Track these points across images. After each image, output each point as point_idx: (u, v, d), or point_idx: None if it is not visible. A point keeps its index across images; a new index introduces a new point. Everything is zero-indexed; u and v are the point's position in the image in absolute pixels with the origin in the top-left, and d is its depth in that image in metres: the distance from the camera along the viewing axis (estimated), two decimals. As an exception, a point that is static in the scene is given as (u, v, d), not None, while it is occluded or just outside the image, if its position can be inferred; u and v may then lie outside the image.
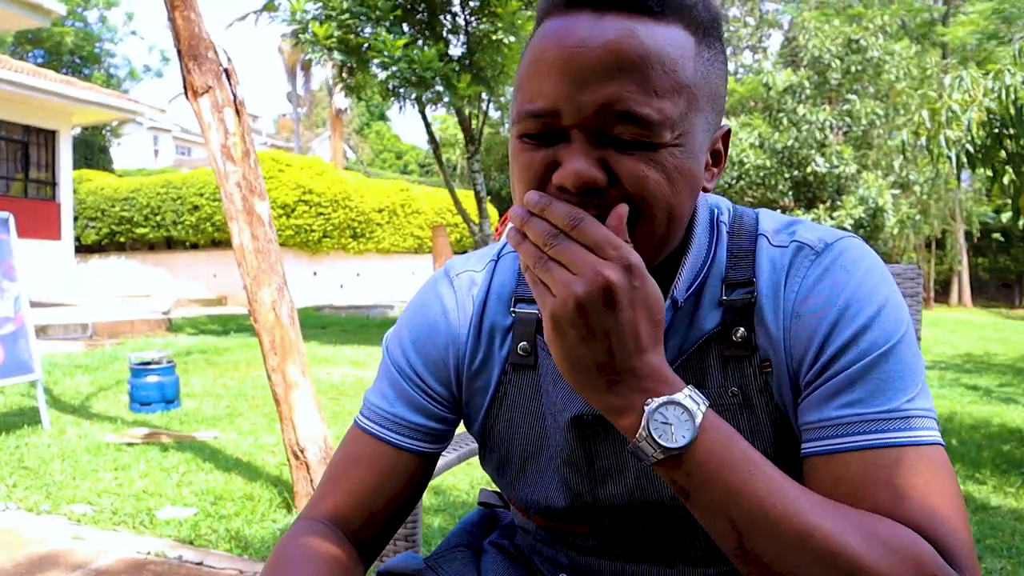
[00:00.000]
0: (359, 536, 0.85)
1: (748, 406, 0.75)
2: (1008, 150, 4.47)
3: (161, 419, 4.96)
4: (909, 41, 17.79)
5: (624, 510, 0.81)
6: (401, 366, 0.87)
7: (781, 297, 0.74)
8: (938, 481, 0.65)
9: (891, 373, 0.68)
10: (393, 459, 0.85)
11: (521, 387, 0.84)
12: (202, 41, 3.28)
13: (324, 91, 33.10)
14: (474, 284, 0.87)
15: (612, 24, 0.64)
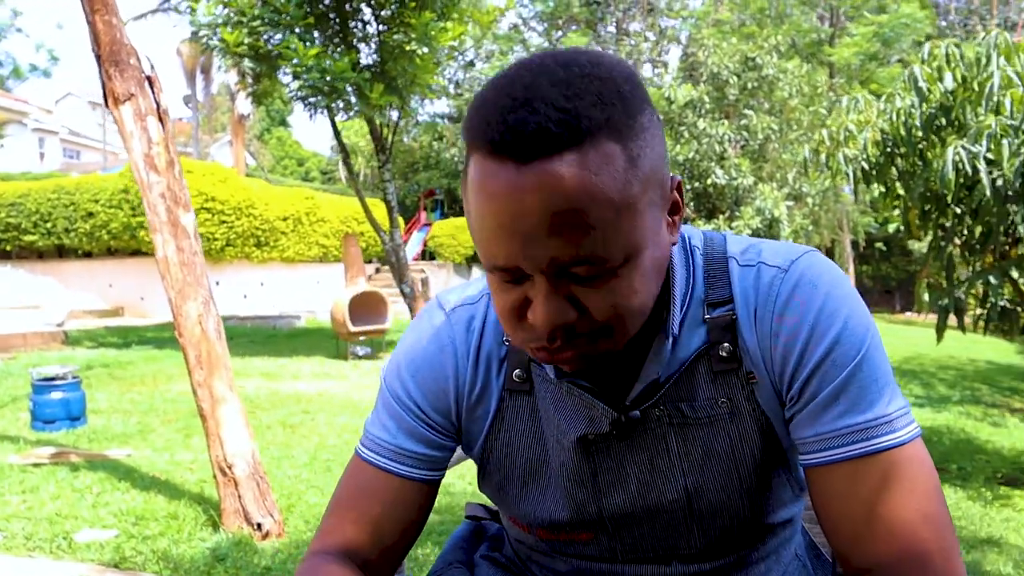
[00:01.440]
0: (371, 566, 0.87)
1: (736, 415, 0.80)
2: (899, 168, 4.78)
3: (68, 437, 4.74)
4: (800, 60, 18.70)
5: (627, 516, 0.85)
6: (401, 399, 0.88)
7: (755, 316, 0.78)
8: (917, 493, 0.72)
9: (868, 380, 0.74)
10: (400, 489, 0.87)
11: (519, 411, 0.87)
12: (123, 47, 3.19)
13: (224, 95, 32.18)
14: (472, 318, 0.88)
15: (537, 176, 0.63)
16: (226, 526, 3.13)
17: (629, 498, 0.84)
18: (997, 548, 3.37)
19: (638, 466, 0.84)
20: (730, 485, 0.83)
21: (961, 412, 6.84)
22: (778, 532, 0.91)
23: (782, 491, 0.87)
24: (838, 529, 0.76)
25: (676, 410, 0.81)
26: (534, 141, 0.62)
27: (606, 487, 0.85)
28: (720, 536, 0.86)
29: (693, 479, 0.83)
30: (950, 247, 4.72)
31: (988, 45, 4.05)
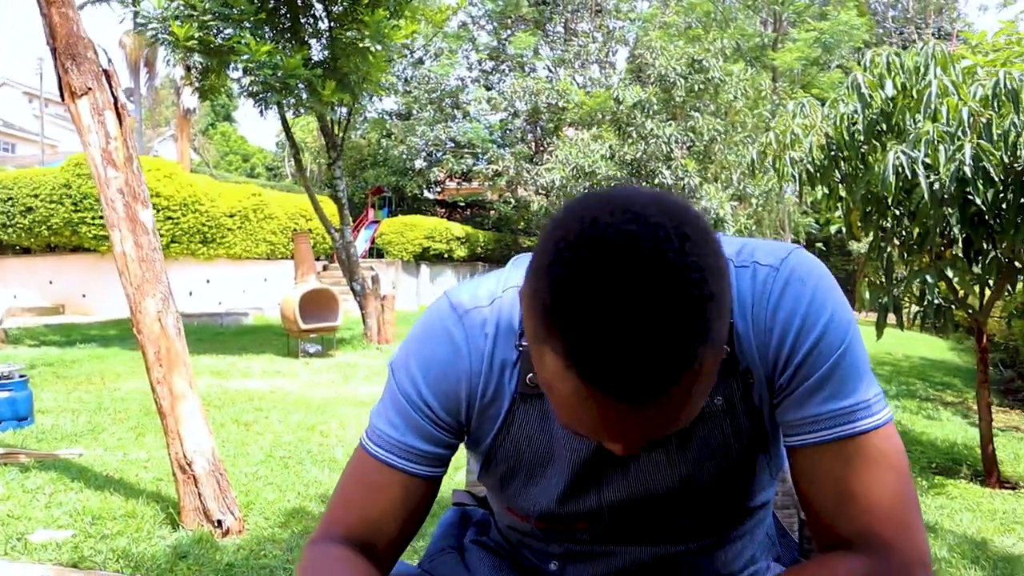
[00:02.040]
0: (374, 556, 0.90)
1: (731, 412, 0.87)
2: (842, 171, 4.96)
3: (15, 438, 4.64)
4: (744, 64, 19.11)
5: (623, 505, 0.91)
6: (412, 398, 0.90)
7: (752, 313, 0.84)
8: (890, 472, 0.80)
9: (849, 368, 0.81)
10: (405, 485, 0.91)
11: (529, 414, 0.90)
12: (80, 40, 3.16)
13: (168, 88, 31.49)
14: (485, 322, 0.89)
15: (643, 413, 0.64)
16: (186, 524, 3.12)
17: (627, 489, 0.90)
18: (933, 534, 3.53)
19: (639, 459, 0.89)
20: (721, 475, 0.90)
21: (897, 406, 7.09)
22: (755, 514, 0.98)
23: (763, 477, 0.94)
24: (818, 505, 0.83)
25: None
26: (641, 389, 0.62)
27: (607, 480, 0.90)
28: (705, 517, 0.93)
29: (687, 469, 0.89)
30: (889, 247, 4.91)
31: (926, 55, 4.23)
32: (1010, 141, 3.83)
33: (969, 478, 4.60)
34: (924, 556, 0.80)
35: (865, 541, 0.80)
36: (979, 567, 3.11)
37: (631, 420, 0.65)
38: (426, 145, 27.39)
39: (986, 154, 3.80)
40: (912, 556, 0.79)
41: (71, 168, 13.55)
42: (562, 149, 17.21)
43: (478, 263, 23.36)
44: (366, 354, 9.67)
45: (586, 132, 18.12)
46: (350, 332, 11.46)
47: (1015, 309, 4.80)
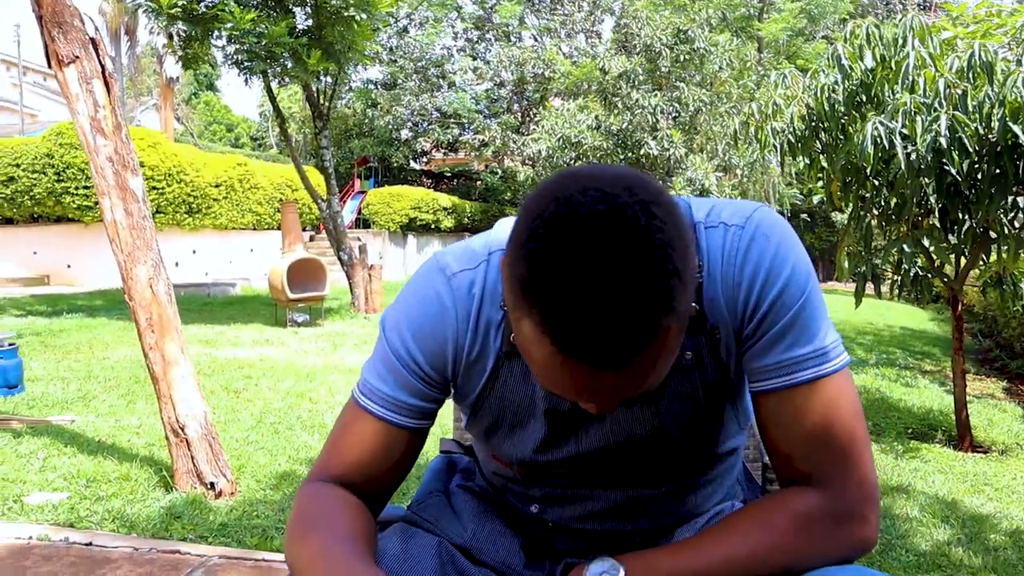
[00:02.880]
0: (365, 495, 0.98)
1: (700, 366, 0.93)
2: (823, 141, 5.03)
3: (6, 404, 4.69)
4: (730, 34, 19.07)
5: (601, 451, 0.97)
6: (401, 355, 0.96)
7: (721, 270, 0.89)
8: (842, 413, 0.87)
9: (808, 318, 0.87)
10: (394, 436, 0.97)
11: (513, 370, 0.96)
12: (66, 7, 3.17)
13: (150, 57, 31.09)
14: (472, 284, 0.95)
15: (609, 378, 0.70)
16: (179, 486, 3.20)
17: (603, 436, 0.96)
18: (906, 495, 3.66)
19: (614, 412, 0.95)
20: (690, 423, 0.96)
21: (877, 374, 7.24)
22: (724, 460, 1.05)
23: (731, 425, 1.01)
24: (779, 444, 0.90)
25: None
26: (609, 356, 0.68)
27: (585, 430, 0.97)
28: (677, 463, 1.00)
29: (660, 419, 0.95)
30: (868, 217, 5.00)
31: (904, 27, 4.29)
32: (984, 112, 3.91)
33: (943, 443, 4.74)
34: (872, 490, 0.88)
35: (819, 477, 0.87)
36: (948, 525, 3.23)
37: (602, 383, 0.71)
38: (412, 115, 27.25)
39: (961, 125, 3.88)
40: (859, 492, 0.86)
41: (53, 137, 13.42)
42: (548, 119, 17.19)
43: (465, 233, 23.38)
44: (354, 323, 9.73)
45: (572, 102, 18.08)
46: (338, 302, 11.50)
47: (989, 278, 4.91)
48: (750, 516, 0.89)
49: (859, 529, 0.86)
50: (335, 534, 0.88)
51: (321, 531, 0.88)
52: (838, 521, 0.86)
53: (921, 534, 3.13)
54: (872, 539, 0.88)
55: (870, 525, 0.87)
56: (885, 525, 3.20)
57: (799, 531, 0.85)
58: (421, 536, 1.01)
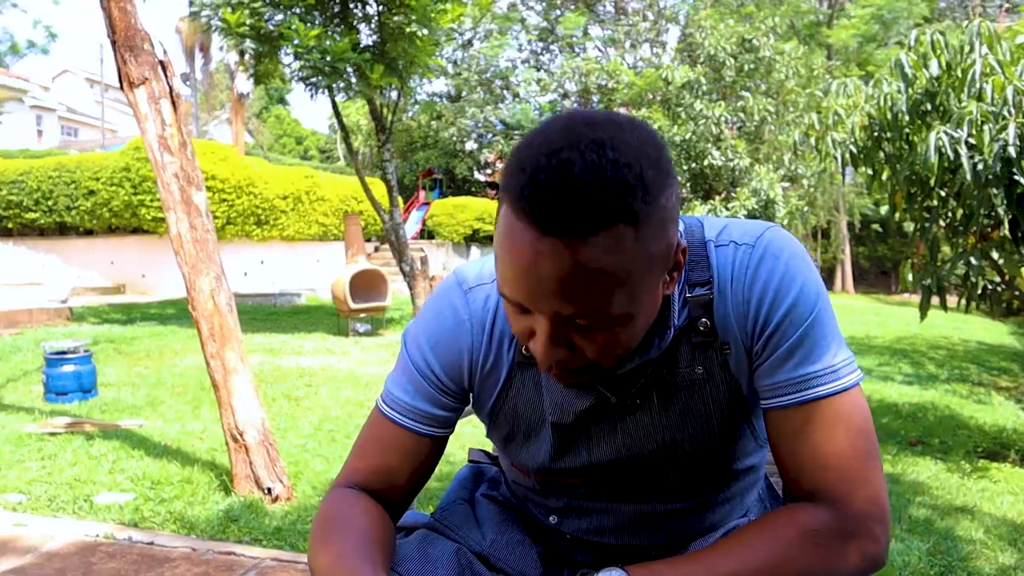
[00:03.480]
0: (387, 501, 1.03)
1: (711, 381, 0.94)
2: (886, 151, 4.92)
3: (80, 408, 4.91)
4: (797, 42, 18.75)
5: (613, 464, 0.99)
6: (420, 367, 1.00)
7: (731, 288, 0.91)
8: (853, 431, 0.87)
9: (818, 336, 0.89)
10: (415, 443, 1.02)
11: (525, 381, 1.00)
12: (138, 32, 3.32)
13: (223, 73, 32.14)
14: (488, 297, 0.99)
15: (554, 247, 0.72)
16: (238, 490, 3.30)
17: (615, 449, 0.98)
18: (971, 516, 3.54)
19: (625, 423, 0.97)
20: (702, 439, 0.97)
21: (948, 390, 7.01)
22: (742, 478, 1.06)
23: (746, 442, 1.02)
24: (788, 461, 0.91)
25: (659, 376, 0.94)
26: (557, 220, 0.72)
27: (596, 442, 0.99)
28: (691, 478, 1.01)
29: (671, 434, 0.96)
30: (935, 228, 4.87)
31: (971, 33, 4.18)
32: (1055, 121, 3.78)
33: (1016, 463, 4.56)
34: (879, 510, 0.87)
35: (824, 494, 0.87)
36: (1015, 549, 3.12)
37: (542, 266, 0.73)
38: (476, 127, 27.50)
39: (1030, 134, 3.75)
40: (867, 509, 0.86)
41: (130, 152, 13.96)
42: (610, 130, 17.11)
43: (527, 245, 23.38)
44: (414, 334, 9.82)
45: (635, 112, 17.99)
46: (399, 312, 11.68)
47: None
48: (757, 530, 0.89)
49: (867, 546, 0.86)
50: (353, 541, 0.91)
51: (340, 538, 0.92)
52: (846, 538, 0.85)
53: (985, 557, 3.02)
54: (881, 557, 0.87)
55: (879, 543, 0.87)
56: (946, 547, 3.11)
57: (806, 546, 0.85)
58: (441, 542, 1.05)
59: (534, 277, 0.75)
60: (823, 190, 18.58)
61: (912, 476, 4.08)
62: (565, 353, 0.82)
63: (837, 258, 26.44)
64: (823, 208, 21.44)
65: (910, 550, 3.00)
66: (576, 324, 0.79)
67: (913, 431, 5.16)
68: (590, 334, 0.80)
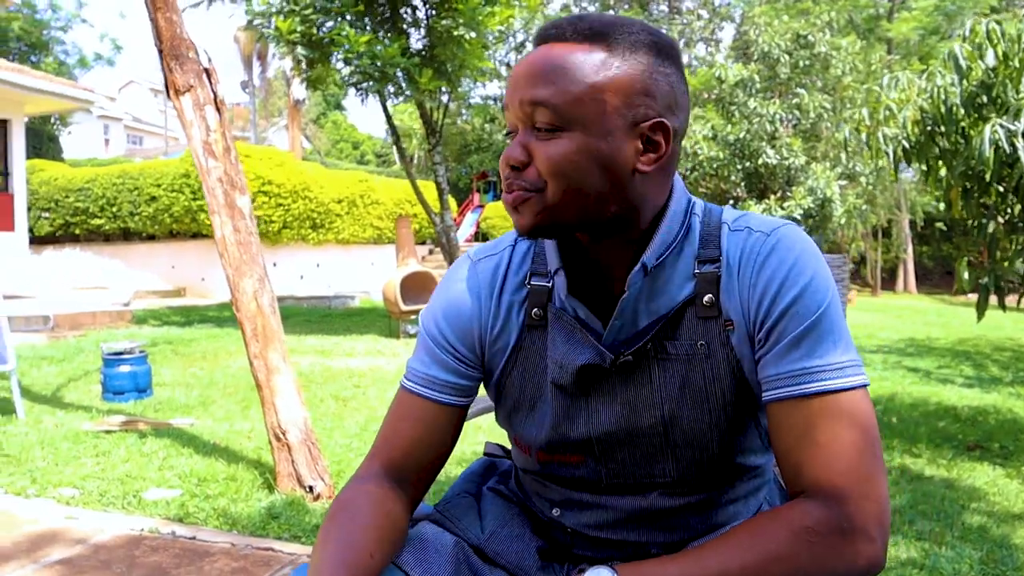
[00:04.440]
0: (408, 481, 1.04)
1: (711, 356, 0.95)
2: (940, 147, 4.77)
3: (135, 407, 5.06)
4: (856, 36, 18.32)
5: (611, 437, 0.99)
6: (434, 335, 1.06)
7: (739, 270, 0.94)
8: (855, 430, 0.87)
9: (825, 331, 0.89)
10: (432, 412, 1.05)
11: (533, 344, 1.03)
12: (183, 41, 3.41)
13: (280, 80, 32.81)
14: (497, 266, 1.06)
15: (541, 49, 0.91)
16: (280, 488, 3.36)
17: (614, 419, 0.98)
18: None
19: (624, 392, 0.98)
20: (701, 418, 0.96)
21: (1011, 393, 6.76)
22: (746, 479, 1.04)
23: (751, 437, 1.00)
24: (787, 457, 0.90)
25: (661, 347, 0.96)
26: (547, 33, 0.92)
27: (596, 409, 1.00)
28: (691, 468, 0.99)
29: (669, 408, 0.96)
30: (992, 225, 4.71)
31: (1028, 22, 4.03)
32: (1117, 111, 3.62)
33: (1080, 469, 4.38)
34: (878, 509, 0.85)
35: (823, 491, 0.86)
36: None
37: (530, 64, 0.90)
38: (529, 129, 27.44)
39: (1090, 126, 3.60)
40: (866, 507, 0.84)
41: (189, 159, 14.33)
42: (663, 130, 16.93)
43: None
44: (464, 335, 9.89)
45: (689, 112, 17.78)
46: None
47: None
48: (749, 527, 0.88)
49: (864, 548, 0.84)
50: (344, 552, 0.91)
51: (333, 543, 0.92)
52: (841, 537, 0.83)
53: (1042, 566, 2.91)
54: (879, 560, 0.85)
55: (876, 545, 0.84)
56: (1001, 555, 3.00)
57: (799, 544, 0.83)
58: (441, 535, 1.04)
59: (516, 76, 0.91)
60: (883, 188, 18.10)
61: (968, 481, 3.94)
62: (520, 153, 0.90)
63: (899, 257, 25.76)
64: (883, 206, 20.89)
65: (961, 558, 2.90)
66: (535, 128, 0.89)
67: (971, 435, 4.99)
68: (543, 136, 0.89)
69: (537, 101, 0.88)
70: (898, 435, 4.71)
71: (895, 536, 3.04)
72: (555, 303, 1.01)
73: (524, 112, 0.90)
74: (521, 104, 0.90)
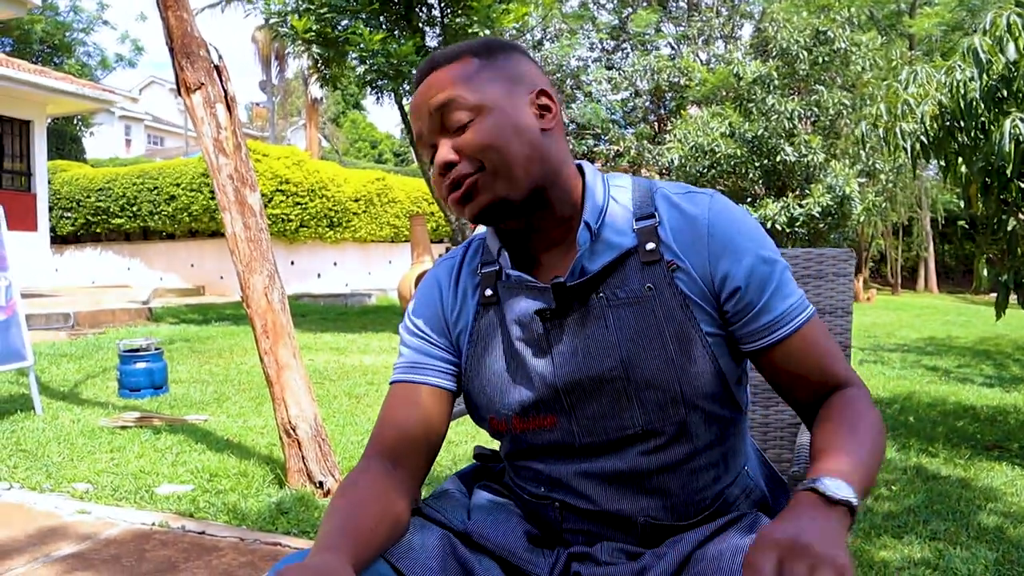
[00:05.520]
0: (405, 465, 1.08)
1: (660, 296, 1.04)
2: (959, 142, 4.70)
3: (151, 404, 5.10)
4: (877, 32, 18.12)
5: (576, 387, 1.05)
6: (409, 329, 1.18)
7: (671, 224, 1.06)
8: (826, 338, 1.08)
9: (787, 275, 1.07)
10: (418, 393, 1.12)
11: (491, 320, 1.13)
12: (194, 39, 3.43)
13: (298, 80, 32.95)
14: (453, 262, 1.21)
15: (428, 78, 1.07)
16: (290, 484, 3.37)
17: (577, 367, 1.05)
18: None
19: (584, 341, 1.05)
20: (658, 355, 1.03)
21: (1030, 393, 6.67)
22: (719, 441, 1.08)
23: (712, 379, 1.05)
24: (793, 385, 1.07)
25: (612, 294, 1.05)
26: (431, 66, 1.07)
27: (560, 360, 1.06)
28: (657, 414, 1.03)
29: (627, 349, 1.03)
30: (1012, 222, 4.63)
31: (1049, 14, 3.96)
32: None
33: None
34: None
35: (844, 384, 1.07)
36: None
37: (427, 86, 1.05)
38: (546, 127, 27.40)
39: (1111, 119, 3.53)
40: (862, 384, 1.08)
41: (209, 158, 14.46)
42: (680, 128, 16.87)
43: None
44: (479, 333, 9.89)
45: (706, 110, 17.69)
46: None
47: None
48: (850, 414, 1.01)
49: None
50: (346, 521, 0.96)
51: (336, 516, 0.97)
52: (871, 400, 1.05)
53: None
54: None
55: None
56: (1017, 556, 2.95)
57: (875, 411, 1.02)
58: (428, 529, 1.06)
59: (419, 101, 1.06)
60: (903, 185, 17.90)
61: (985, 481, 3.89)
62: (450, 154, 1.03)
63: (920, 256, 25.48)
64: (904, 204, 20.68)
65: (976, 558, 2.86)
66: (453, 128, 1.03)
67: (990, 435, 4.92)
68: (463, 132, 1.02)
69: (443, 103, 1.03)
70: (915, 434, 4.65)
71: (908, 535, 3.01)
72: (503, 279, 1.11)
73: (435, 121, 1.04)
74: (431, 115, 1.04)
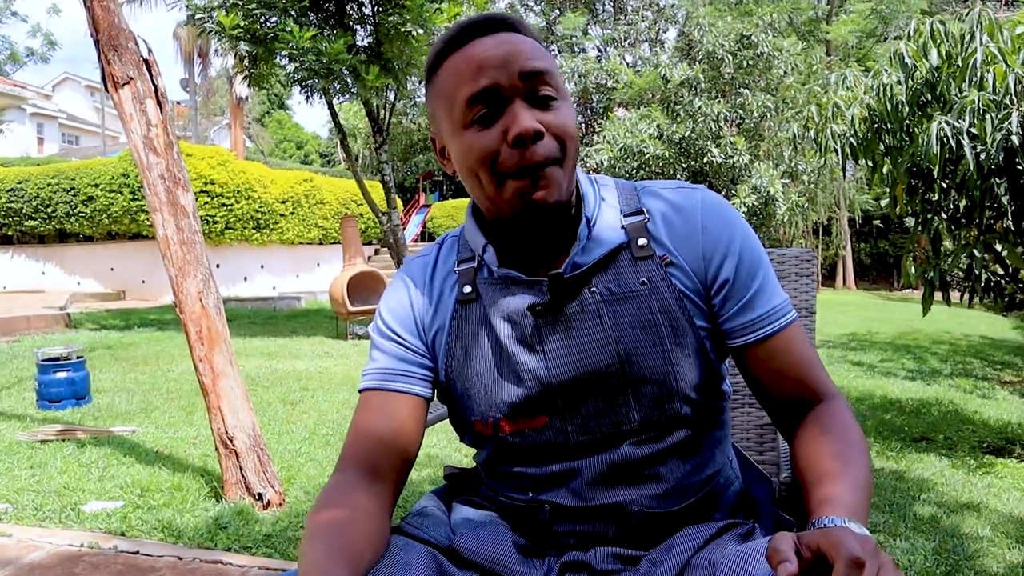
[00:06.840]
0: (383, 478, 1.03)
1: (656, 291, 1.03)
2: (886, 143, 4.85)
3: (73, 415, 4.85)
4: (796, 38, 18.64)
5: (572, 385, 1.01)
6: (382, 331, 1.12)
7: (662, 220, 1.06)
8: (808, 345, 1.07)
9: (772, 274, 1.06)
10: (391, 401, 1.07)
11: (470, 318, 1.08)
12: (122, 32, 3.26)
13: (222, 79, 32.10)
14: (426, 263, 1.16)
15: (501, 36, 0.97)
16: (228, 497, 3.24)
17: (572, 365, 1.01)
18: (976, 512, 3.47)
19: (579, 337, 1.02)
20: (655, 351, 1.01)
21: (951, 385, 6.93)
22: (707, 430, 1.07)
23: (705, 372, 1.04)
24: (773, 386, 1.05)
25: (607, 290, 1.03)
26: (489, 24, 0.98)
27: (553, 358, 1.02)
28: (653, 409, 1.01)
29: (624, 345, 1.01)
30: (936, 221, 4.80)
31: (972, 22, 4.11)
32: (1058, 108, 3.71)
33: (1023, 458, 4.48)
34: None
35: (823, 393, 1.04)
36: (1023, 546, 3.05)
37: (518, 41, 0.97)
38: (476, 129, 27.35)
39: (1032, 123, 3.68)
40: (840, 394, 1.06)
41: (128, 158, 13.93)
42: (609, 130, 17.05)
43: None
44: (414, 336, 9.78)
45: (634, 112, 17.92)
46: (399, 315, 11.60)
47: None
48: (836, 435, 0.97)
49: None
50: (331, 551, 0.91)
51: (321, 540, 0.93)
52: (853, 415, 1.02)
53: (992, 555, 2.95)
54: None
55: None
56: (952, 544, 3.04)
57: (858, 428, 0.99)
58: (413, 547, 1.00)
59: (501, 56, 0.95)
60: (823, 186, 18.47)
61: (917, 473, 4.01)
62: (540, 126, 0.94)
63: (838, 254, 26.35)
64: (824, 204, 21.34)
65: (916, 549, 2.93)
66: (540, 100, 0.96)
67: (917, 427, 5.08)
68: (549, 108, 0.97)
69: (539, 71, 0.96)
70: (848, 429, 4.77)
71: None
72: (483, 275, 1.08)
73: (524, 84, 0.95)
74: (522, 75, 0.95)
